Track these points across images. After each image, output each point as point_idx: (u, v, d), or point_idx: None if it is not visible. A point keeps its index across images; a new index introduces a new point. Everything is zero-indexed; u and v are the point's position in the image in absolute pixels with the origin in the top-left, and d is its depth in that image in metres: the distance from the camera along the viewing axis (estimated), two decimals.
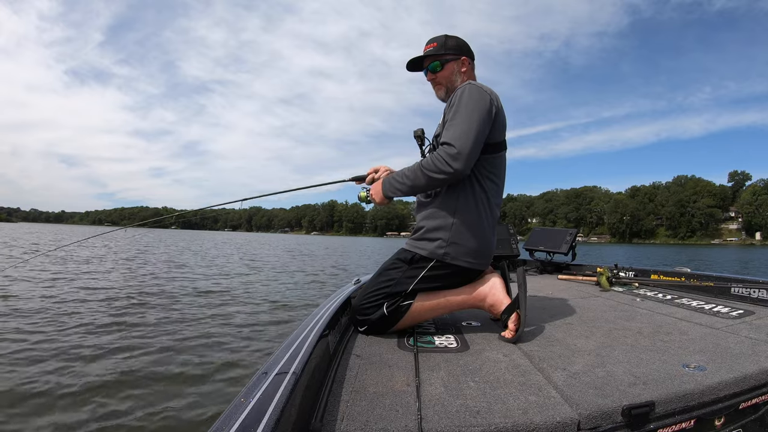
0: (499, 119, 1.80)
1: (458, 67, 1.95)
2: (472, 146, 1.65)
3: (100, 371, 3.52)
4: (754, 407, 1.23)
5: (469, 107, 1.69)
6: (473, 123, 1.67)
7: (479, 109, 1.69)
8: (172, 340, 4.51)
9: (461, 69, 1.95)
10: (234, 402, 0.85)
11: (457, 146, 1.63)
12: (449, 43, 1.94)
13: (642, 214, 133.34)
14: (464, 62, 1.95)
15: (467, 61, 1.96)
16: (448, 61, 1.94)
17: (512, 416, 1.01)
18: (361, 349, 1.55)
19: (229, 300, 7.17)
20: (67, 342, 4.28)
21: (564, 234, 4.01)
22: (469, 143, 1.64)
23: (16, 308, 5.70)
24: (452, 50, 1.94)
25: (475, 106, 1.70)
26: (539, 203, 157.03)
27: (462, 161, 1.63)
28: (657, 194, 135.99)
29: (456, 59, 1.95)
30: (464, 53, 1.96)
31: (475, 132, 1.66)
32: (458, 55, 1.94)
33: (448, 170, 1.64)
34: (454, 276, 1.81)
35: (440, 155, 1.66)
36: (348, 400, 1.10)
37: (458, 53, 1.94)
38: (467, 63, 1.96)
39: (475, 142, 1.66)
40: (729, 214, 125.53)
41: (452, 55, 1.94)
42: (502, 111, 1.84)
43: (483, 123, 1.69)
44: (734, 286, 2.42)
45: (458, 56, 1.95)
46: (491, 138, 1.77)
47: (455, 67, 1.95)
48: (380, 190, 1.88)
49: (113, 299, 6.65)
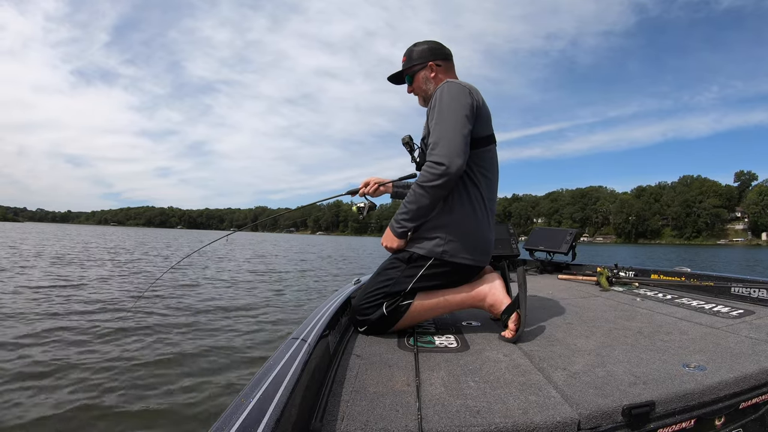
0: (482, 113, 1.81)
1: (426, 74, 1.98)
2: (459, 141, 1.67)
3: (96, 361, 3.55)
4: (755, 407, 1.23)
5: (450, 106, 1.73)
6: (456, 119, 1.70)
7: (459, 104, 1.73)
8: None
9: (430, 75, 1.98)
10: (234, 402, 0.85)
11: (445, 145, 1.65)
12: (414, 54, 2.00)
13: (648, 214, 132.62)
14: (431, 67, 1.98)
15: (434, 65, 1.98)
16: (416, 72, 1.99)
17: (512, 416, 1.01)
18: (361, 349, 1.55)
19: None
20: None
21: (564, 234, 4.01)
22: (456, 139, 1.66)
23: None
24: (417, 60, 1.98)
25: (452, 103, 1.73)
26: (545, 203, 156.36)
27: (454, 157, 1.64)
28: (663, 194, 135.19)
29: (423, 67, 1.98)
30: (430, 57, 1.98)
31: (460, 126, 1.69)
32: (424, 62, 1.98)
33: (444, 171, 1.64)
34: (453, 274, 1.81)
35: (431, 162, 1.67)
36: (348, 400, 1.10)
37: (424, 60, 1.98)
38: (434, 67, 1.98)
39: (461, 137, 1.67)
40: (735, 215, 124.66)
41: (419, 65, 1.98)
42: (485, 105, 1.85)
43: (465, 117, 1.71)
44: (734, 285, 2.41)
45: (424, 63, 1.98)
46: (477, 132, 1.78)
47: (423, 75, 1.99)
48: (391, 236, 1.84)
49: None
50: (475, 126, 1.77)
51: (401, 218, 1.79)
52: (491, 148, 1.89)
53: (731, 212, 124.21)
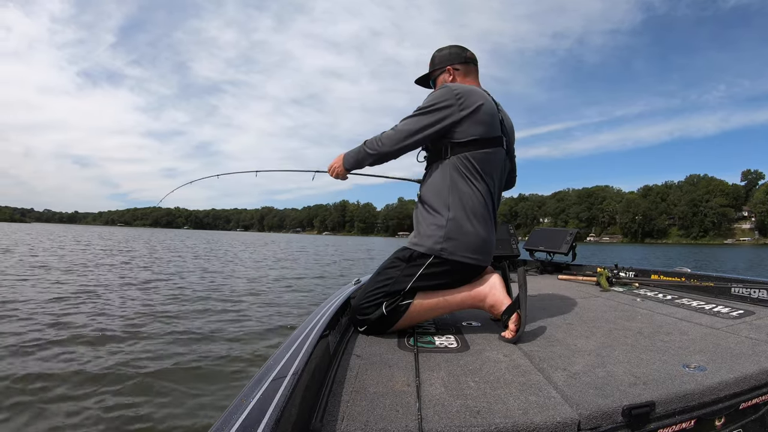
0: (478, 115, 1.82)
1: (446, 77, 2.06)
2: (405, 135, 1.87)
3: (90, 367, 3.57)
4: (755, 407, 1.22)
5: (426, 101, 1.86)
6: (421, 117, 1.84)
7: (433, 104, 1.83)
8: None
9: (448, 79, 2.05)
10: (234, 402, 0.85)
11: (393, 131, 1.89)
12: (436, 59, 2.10)
13: (654, 213, 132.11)
14: (449, 71, 2.06)
15: (452, 69, 2.06)
16: (437, 77, 2.10)
17: (512, 416, 1.01)
18: (361, 350, 1.55)
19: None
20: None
21: (564, 234, 4.00)
22: (403, 133, 1.87)
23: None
24: (438, 65, 2.09)
25: (430, 100, 1.85)
26: (551, 203, 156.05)
27: (389, 146, 1.90)
28: (669, 194, 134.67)
29: (442, 71, 2.07)
30: (448, 62, 2.07)
31: (416, 125, 1.84)
32: (443, 66, 2.07)
33: (377, 149, 1.92)
34: (453, 273, 1.81)
35: (377, 138, 1.94)
36: (348, 401, 1.10)
37: (443, 64, 2.07)
38: (452, 71, 2.06)
39: (409, 133, 1.86)
40: (742, 214, 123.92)
41: (439, 69, 2.09)
42: (487, 107, 1.85)
43: (430, 116, 1.83)
44: (734, 286, 2.41)
45: (443, 67, 2.07)
46: (467, 134, 1.81)
47: (443, 79, 2.07)
48: (342, 166, 2.06)
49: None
50: (477, 127, 1.80)
51: (354, 152, 2.02)
52: (496, 150, 1.89)
53: (738, 211, 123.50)
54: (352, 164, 2.04)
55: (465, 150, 1.81)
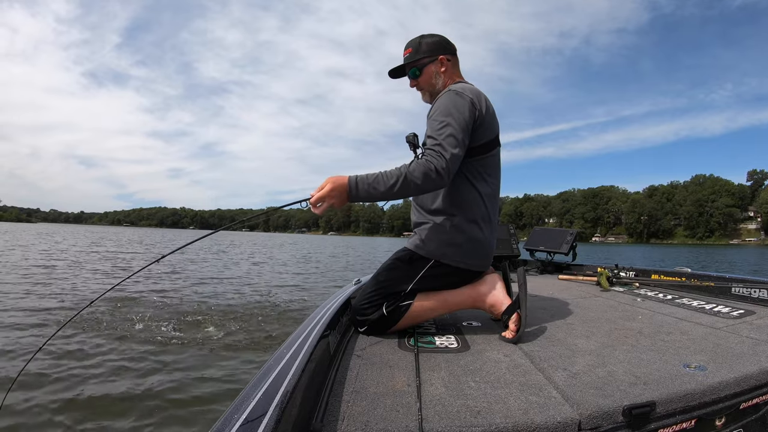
0: (485, 120, 1.78)
1: (437, 68, 1.92)
2: (450, 156, 1.61)
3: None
4: (755, 407, 1.22)
5: (446, 114, 1.69)
6: (453, 128, 1.65)
7: (456, 116, 1.68)
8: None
9: (440, 69, 1.92)
10: (234, 402, 0.85)
11: (440, 156, 1.60)
12: (423, 46, 1.92)
13: (660, 213, 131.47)
14: (442, 61, 1.92)
15: (445, 59, 1.92)
16: (425, 65, 1.92)
17: (513, 416, 1.01)
18: (361, 350, 1.55)
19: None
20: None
21: (564, 234, 4.00)
22: (447, 153, 1.61)
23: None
24: (427, 52, 1.91)
25: (449, 113, 1.69)
26: (556, 203, 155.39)
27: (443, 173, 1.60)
28: (675, 194, 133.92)
29: (433, 60, 1.92)
30: (441, 51, 1.92)
31: (455, 140, 1.64)
32: (434, 55, 1.91)
33: (432, 178, 1.59)
34: (453, 276, 1.81)
35: (423, 164, 1.60)
36: (349, 401, 1.11)
37: (434, 53, 1.91)
38: (445, 61, 1.92)
39: (453, 151, 1.62)
40: (748, 214, 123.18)
41: (428, 57, 1.91)
42: (489, 111, 1.82)
43: (461, 130, 1.67)
44: (735, 286, 2.40)
45: (435, 57, 1.91)
46: (478, 139, 1.77)
47: (434, 69, 1.93)
48: (345, 196, 1.63)
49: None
50: (478, 132, 1.77)
51: (369, 184, 1.62)
52: (495, 152, 1.88)
53: (744, 212, 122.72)
54: (373, 196, 1.63)
55: (470, 154, 1.78)
